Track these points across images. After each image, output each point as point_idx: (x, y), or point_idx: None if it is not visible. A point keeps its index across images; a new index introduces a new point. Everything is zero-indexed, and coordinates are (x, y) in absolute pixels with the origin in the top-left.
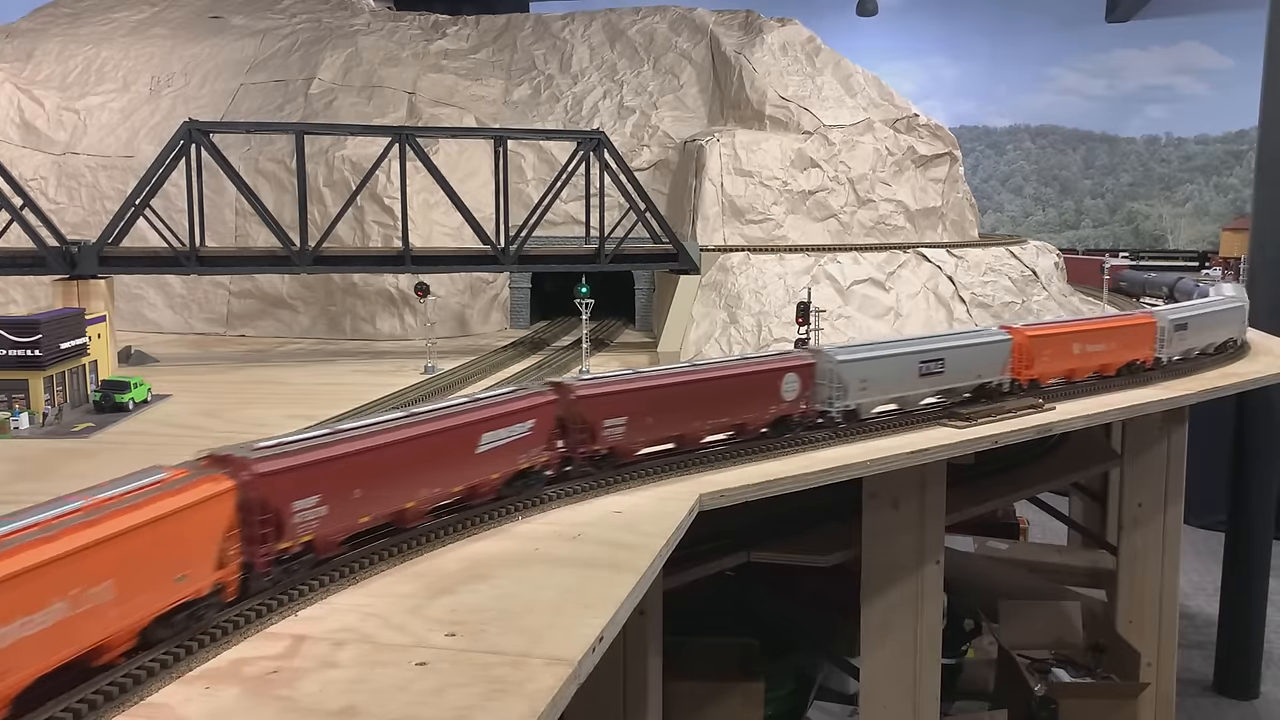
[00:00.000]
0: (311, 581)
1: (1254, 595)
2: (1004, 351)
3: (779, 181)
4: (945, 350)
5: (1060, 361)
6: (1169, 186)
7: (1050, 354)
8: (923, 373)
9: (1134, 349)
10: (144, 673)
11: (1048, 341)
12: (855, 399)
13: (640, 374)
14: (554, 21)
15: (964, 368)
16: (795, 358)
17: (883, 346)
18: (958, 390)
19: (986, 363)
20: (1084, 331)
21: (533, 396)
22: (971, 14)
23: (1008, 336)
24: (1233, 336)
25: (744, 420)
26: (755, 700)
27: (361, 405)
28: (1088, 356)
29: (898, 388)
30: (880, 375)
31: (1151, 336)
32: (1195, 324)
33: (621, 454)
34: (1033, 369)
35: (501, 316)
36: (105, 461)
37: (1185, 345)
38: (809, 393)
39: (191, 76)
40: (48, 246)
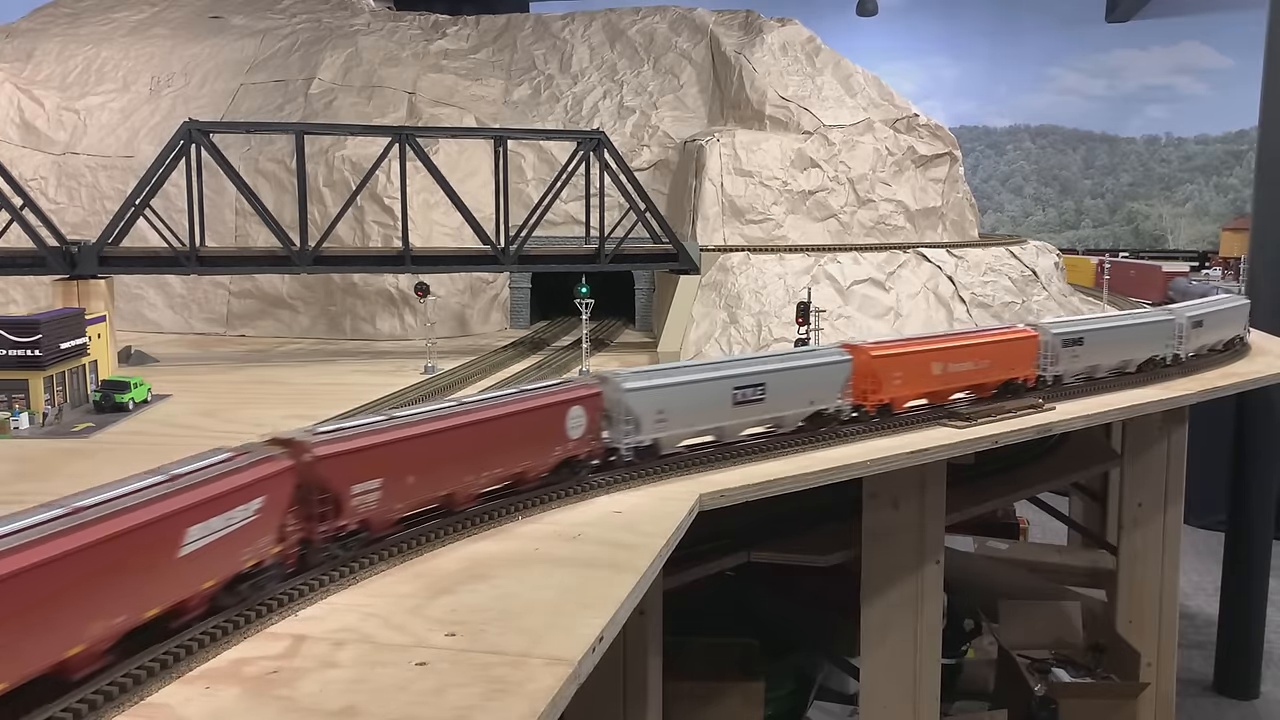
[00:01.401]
0: (312, 581)
1: (1254, 595)
2: (841, 374)
3: (779, 181)
4: (766, 374)
5: (916, 383)
6: (1169, 186)
7: (903, 375)
8: (739, 400)
9: (1012, 366)
10: (144, 673)
11: (898, 361)
12: (650, 433)
13: (396, 420)
14: (554, 21)
15: (792, 393)
16: (580, 388)
17: (688, 370)
18: (786, 420)
19: (820, 387)
20: (945, 349)
21: (258, 466)
22: (971, 14)
23: (846, 356)
24: (1158, 354)
25: (523, 468)
26: (755, 700)
27: (361, 405)
28: (953, 377)
29: (706, 419)
30: (682, 405)
31: (1033, 353)
32: (1096, 340)
33: (375, 527)
34: (880, 392)
35: (501, 316)
36: (106, 461)
37: (1086, 362)
38: (598, 428)
39: (191, 76)
40: (48, 246)
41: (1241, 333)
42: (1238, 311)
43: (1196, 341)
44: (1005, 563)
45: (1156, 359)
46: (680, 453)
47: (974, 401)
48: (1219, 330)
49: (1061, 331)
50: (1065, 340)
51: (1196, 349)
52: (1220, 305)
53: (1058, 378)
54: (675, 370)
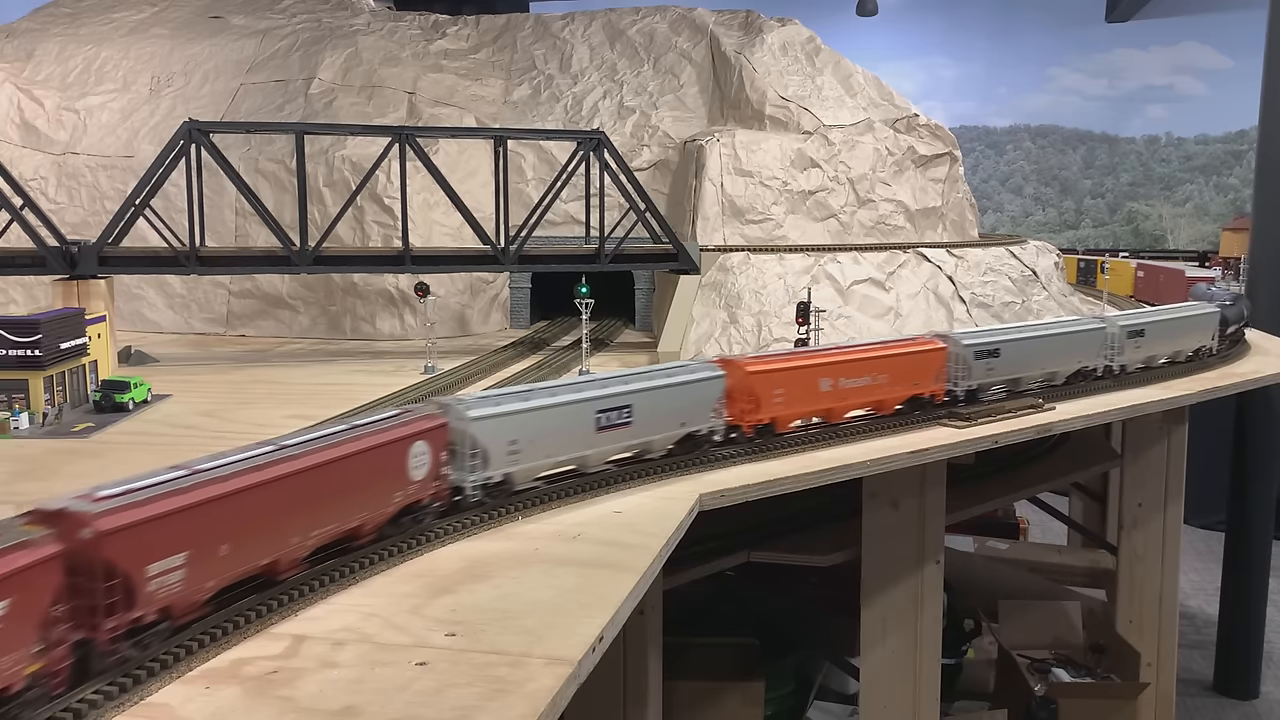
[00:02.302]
0: (312, 581)
1: (1254, 595)
2: (714, 392)
3: (779, 181)
4: (633, 395)
5: (802, 401)
6: (1169, 186)
7: (786, 392)
8: (602, 425)
9: (916, 381)
10: (144, 673)
11: (779, 377)
12: (501, 467)
13: (202, 475)
14: (554, 21)
15: (661, 415)
16: (423, 420)
17: (544, 394)
18: (655, 444)
19: (691, 407)
20: (835, 364)
21: (13, 554)
22: (971, 14)
23: (719, 373)
24: (1088, 364)
25: (360, 520)
26: (755, 700)
27: (361, 405)
28: (846, 394)
29: (566, 447)
30: (538, 433)
31: (939, 366)
32: (1014, 351)
33: (179, 613)
34: (759, 411)
35: (501, 316)
36: (106, 461)
37: (1003, 375)
38: (444, 466)
39: (191, 76)
40: (48, 246)
41: (1209, 343)
42: (1200, 321)
43: (1138, 353)
44: (1005, 563)
45: (1086, 370)
46: (536, 487)
47: (873, 420)
48: (1172, 341)
49: (974, 343)
50: (978, 352)
51: (1143, 360)
52: (1172, 314)
53: (971, 392)
54: (529, 394)
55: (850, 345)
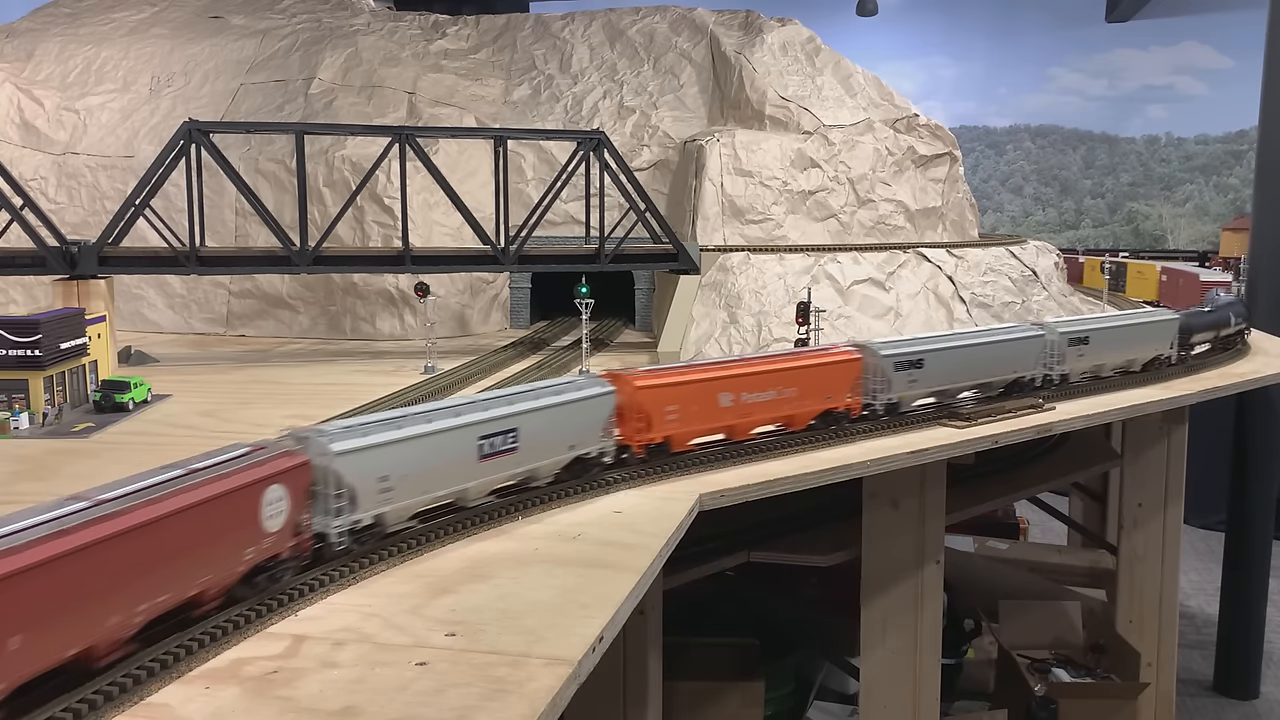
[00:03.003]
0: (312, 581)
1: (1254, 595)
2: (604, 410)
3: (779, 181)
4: (519, 417)
5: (699, 418)
6: (1169, 186)
7: (680, 409)
8: (486, 452)
9: (829, 394)
10: (144, 673)
11: (672, 393)
12: (373, 508)
13: None
14: (554, 21)
15: (549, 438)
16: (279, 458)
17: (419, 420)
18: (542, 470)
19: (581, 428)
20: (736, 377)
21: None
22: (971, 14)
23: (609, 389)
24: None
25: (202, 586)
26: (755, 700)
27: (361, 405)
28: (749, 409)
29: (445, 480)
30: (414, 466)
31: (854, 378)
32: (939, 361)
33: None
34: (651, 430)
35: (501, 316)
36: (107, 462)
37: (927, 386)
38: (305, 511)
39: (191, 76)
40: (48, 246)
41: (1166, 351)
42: (1156, 329)
43: (1082, 362)
44: (1005, 563)
45: (1024, 380)
46: (410, 527)
47: (784, 435)
48: (1123, 349)
49: (894, 353)
50: (899, 363)
51: (1089, 369)
52: (1122, 321)
53: (892, 405)
54: (402, 421)
55: (755, 356)
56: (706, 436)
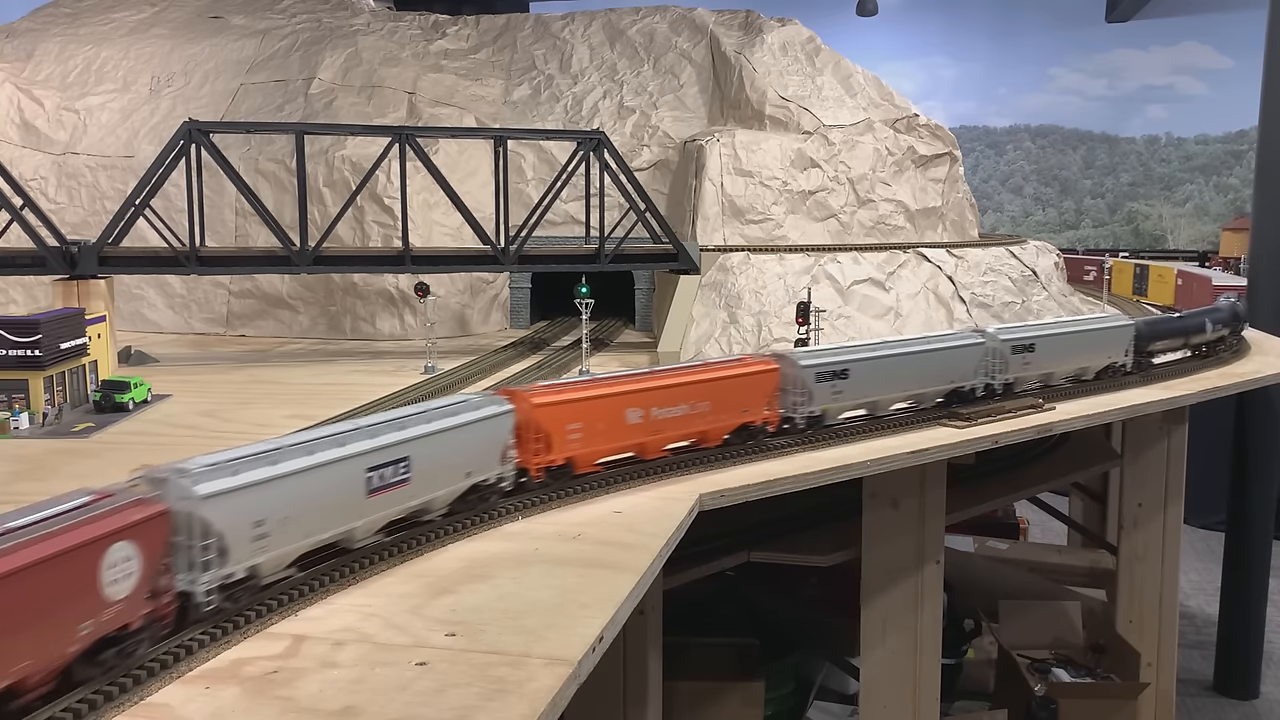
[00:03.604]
0: (312, 581)
1: (1254, 595)
2: (502, 431)
3: (779, 181)
4: (411, 444)
5: (605, 436)
6: (1169, 186)
7: (584, 427)
8: (375, 486)
9: (745, 407)
10: (144, 673)
11: (573, 409)
12: (247, 559)
13: None
14: (554, 21)
15: (444, 465)
16: (128, 509)
17: (298, 453)
18: (435, 502)
19: (478, 452)
20: (643, 391)
21: None
22: (971, 14)
23: (506, 407)
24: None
25: (15, 677)
26: (755, 700)
27: (361, 405)
28: (660, 425)
29: (330, 520)
30: (293, 506)
31: (772, 390)
32: (865, 371)
33: None
34: (551, 451)
35: (501, 316)
36: (107, 462)
37: (853, 398)
38: (166, 570)
39: (191, 76)
40: (48, 246)
41: (1121, 359)
42: (1108, 335)
43: (1028, 370)
44: (1005, 563)
45: (963, 391)
46: (289, 576)
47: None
48: (1073, 357)
49: (814, 363)
50: (820, 374)
51: (1037, 378)
52: (1071, 328)
53: (814, 418)
54: (278, 455)
55: (667, 369)
56: (613, 456)
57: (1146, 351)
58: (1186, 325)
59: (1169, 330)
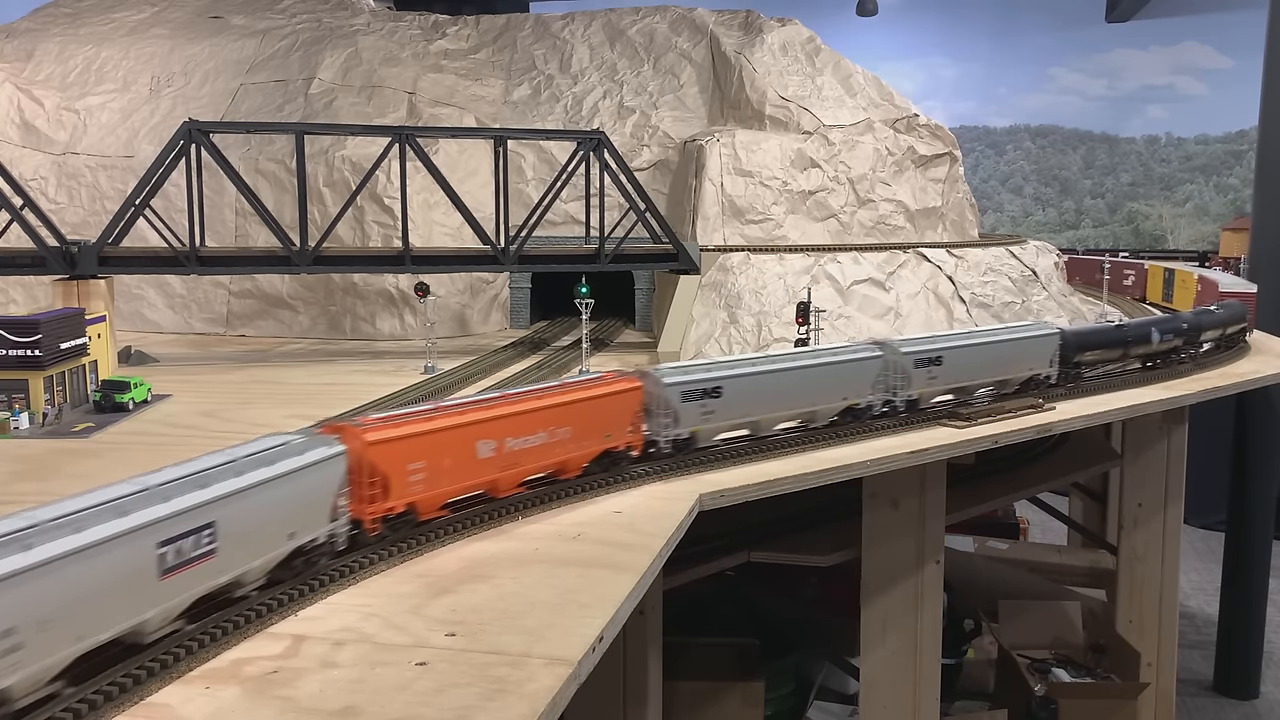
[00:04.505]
0: (312, 581)
1: (1254, 595)
2: (331, 479)
3: (779, 181)
4: (215, 506)
5: (455, 474)
6: (1169, 186)
7: (428, 465)
8: (170, 564)
9: (609, 430)
10: (144, 673)
11: (418, 445)
12: None
13: None
14: (554, 21)
15: (260, 529)
16: None
17: (59, 532)
18: (250, 575)
19: (303, 507)
20: (499, 419)
21: None
22: (971, 14)
23: (336, 449)
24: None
25: None
26: (755, 700)
27: (361, 405)
28: (516, 457)
29: (109, 616)
30: (57, 605)
31: (635, 411)
32: (742, 389)
33: None
34: (389, 497)
35: (501, 316)
36: (107, 461)
37: (729, 418)
38: None
39: (191, 76)
40: (48, 246)
41: (1044, 370)
42: (1029, 345)
43: (934, 385)
44: (1005, 563)
45: (857, 408)
46: (55, 693)
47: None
48: (988, 369)
49: (681, 380)
50: (688, 393)
51: (945, 392)
52: (987, 338)
53: (681, 441)
54: (32, 535)
55: (520, 391)
56: (462, 496)
57: (1074, 363)
58: (1125, 335)
59: (1101, 340)
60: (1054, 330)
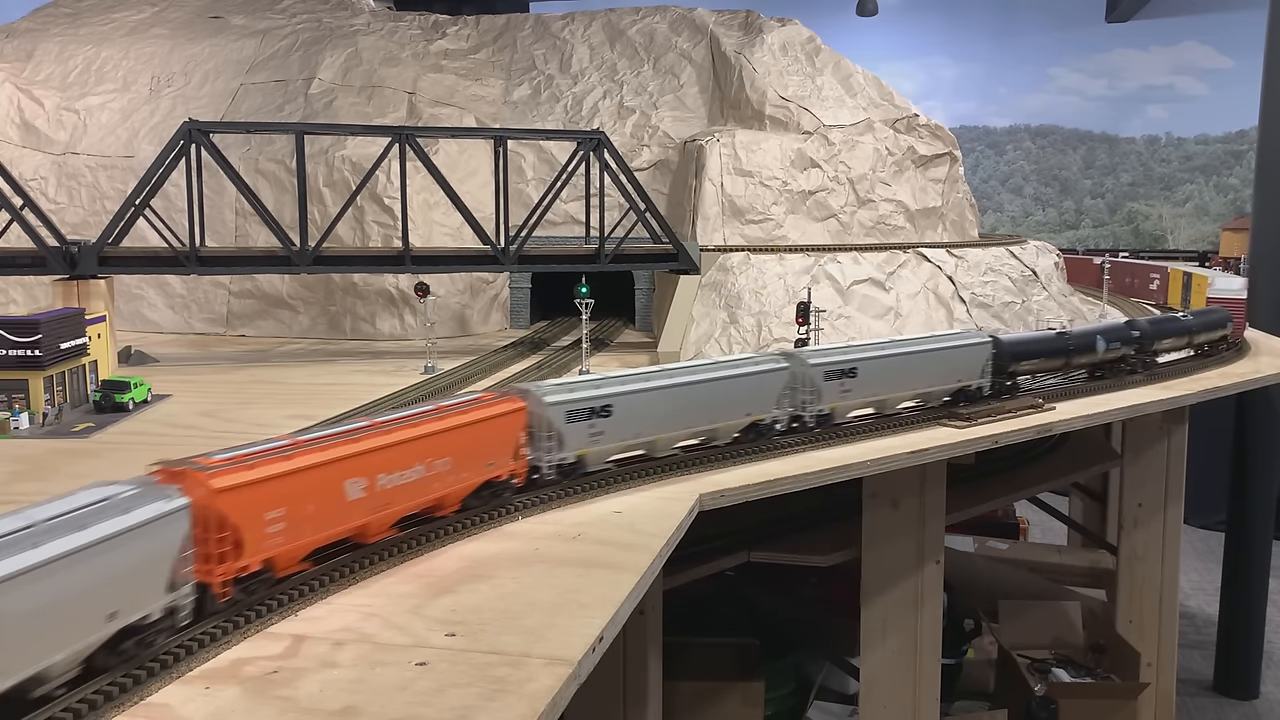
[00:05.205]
0: (312, 581)
1: (1254, 595)
2: (169, 541)
3: (779, 181)
4: (9, 586)
5: (320, 520)
6: (1169, 186)
7: (289, 512)
8: None
9: (490, 457)
10: (144, 673)
11: (276, 490)
12: None
13: None
14: (554, 21)
15: (47, 616)
16: None
17: None
18: (53, 670)
19: (114, 584)
20: (371, 453)
21: None
22: (971, 14)
23: (177, 504)
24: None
25: None
26: (755, 700)
27: (361, 405)
28: (389, 497)
29: None
30: None
31: (518, 435)
32: (636, 407)
33: None
34: (244, 554)
35: (501, 316)
36: (107, 461)
37: (621, 439)
38: None
39: (191, 76)
40: (48, 246)
41: (976, 381)
42: (958, 355)
43: (849, 399)
44: (1005, 563)
45: (761, 424)
46: None
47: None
48: (910, 381)
49: (565, 399)
50: (575, 412)
51: (862, 406)
52: (909, 348)
53: (567, 466)
54: None
55: (391, 418)
56: (323, 545)
57: (1009, 373)
58: (1067, 344)
59: (1040, 349)
60: (986, 339)
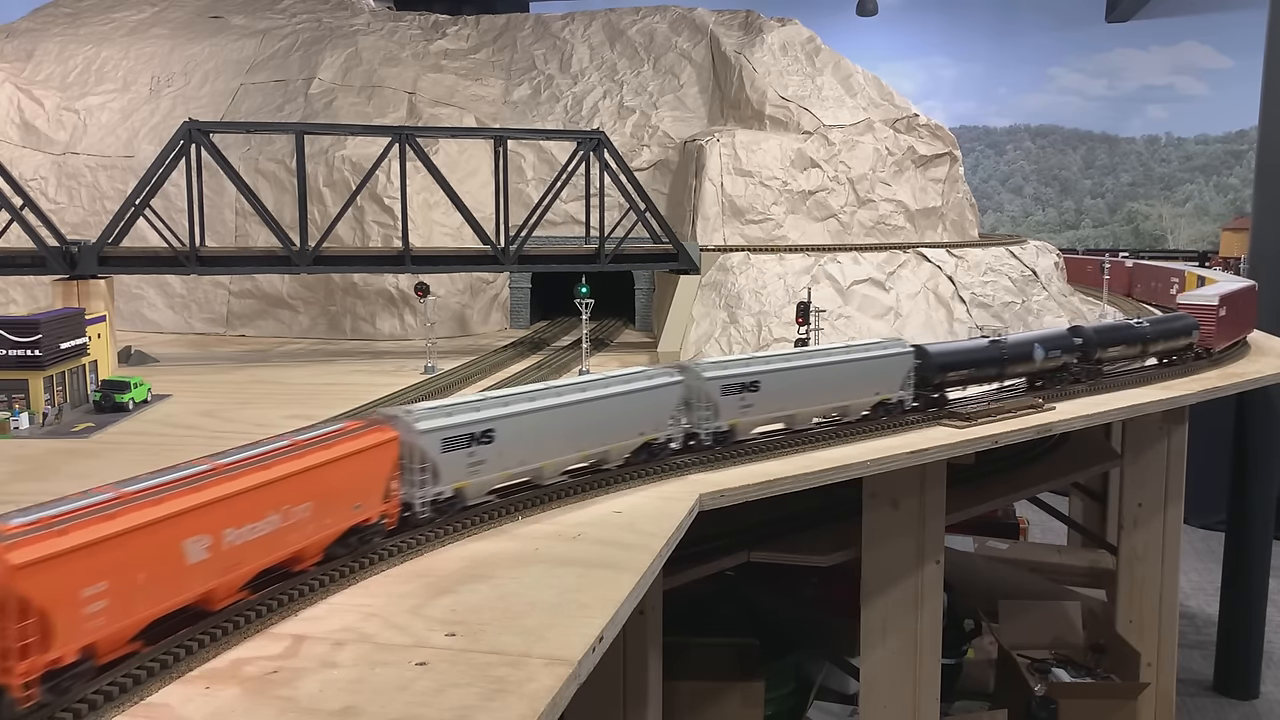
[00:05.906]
0: (312, 581)
1: (1254, 595)
2: None
3: (779, 181)
4: None
5: (154, 592)
6: (1169, 186)
7: (113, 585)
8: None
9: (358, 498)
10: (144, 673)
11: (95, 559)
12: None
13: None
14: (554, 21)
15: None
16: None
17: None
18: None
19: None
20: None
21: None
22: (971, 14)
23: None
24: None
25: None
26: (755, 700)
27: (361, 405)
28: (238, 556)
29: None
30: None
31: (389, 469)
32: (519, 429)
33: None
34: (53, 644)
35: (501, 316)
36: (106, 461)
37: (505, 467)
38: None
39: (191, 76)
40: (48, 246)
41: (896, 394)
42: (878, 366)
43: (750, 415)
44: (1005, 563)
45: (655, 444)
46: None
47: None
48: (826, 394)
49: (442, 424)
50: (449, 439)
51: (770, 421)
52: (817, 359)
53: (443, 502)
54: None
55: (237, 459)
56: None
57: (935, 384)
58: (1000, 353)
59: (970, 359)
60: (908, 349)
